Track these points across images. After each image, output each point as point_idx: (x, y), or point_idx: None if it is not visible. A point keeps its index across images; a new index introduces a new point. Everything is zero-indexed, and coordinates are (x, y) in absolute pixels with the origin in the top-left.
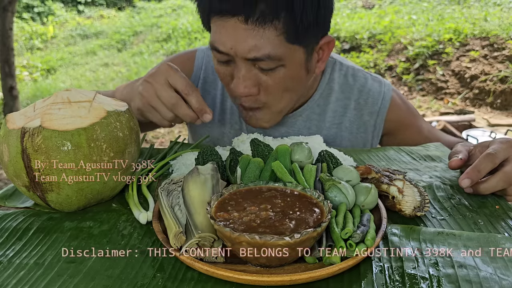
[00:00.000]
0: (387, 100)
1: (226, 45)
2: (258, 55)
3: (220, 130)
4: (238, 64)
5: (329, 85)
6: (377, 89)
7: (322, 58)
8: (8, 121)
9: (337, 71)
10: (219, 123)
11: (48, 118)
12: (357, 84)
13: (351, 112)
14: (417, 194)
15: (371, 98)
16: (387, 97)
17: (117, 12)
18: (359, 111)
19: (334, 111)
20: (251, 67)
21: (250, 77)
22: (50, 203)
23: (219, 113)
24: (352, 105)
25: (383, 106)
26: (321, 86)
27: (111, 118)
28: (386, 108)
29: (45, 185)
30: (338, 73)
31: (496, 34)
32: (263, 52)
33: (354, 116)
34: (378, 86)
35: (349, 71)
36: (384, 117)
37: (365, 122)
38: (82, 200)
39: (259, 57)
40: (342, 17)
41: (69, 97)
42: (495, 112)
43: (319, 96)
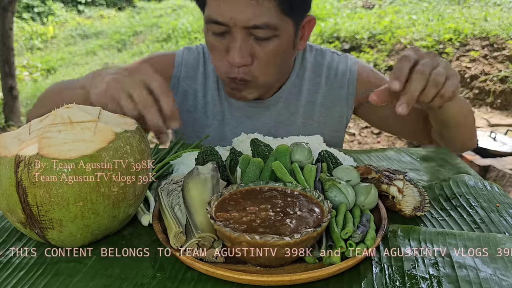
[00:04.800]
0: (353, 72)
1: (225, 16)
2: (258, 23)
3: (204, 122)
4: (235, 35)
5: (303, 65)
6: (344, 64)
7: (304, 36)
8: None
9: (308, 51)
10: (203, 115)
11: (47, 144)
12: (325, 62)
13: (323, 88)
14: (417, 194)
15: (340, 73)
16: (353, 69)
17: (117, 12)
18: (329, 86)
19: (308, 90)
20: (247, 37)
21: (246, 47)
22: (50, 240)
23: (202, 105)
24: (323, 81)
25: (351, 78)
26: (296, 66)
27: (120, 141)
28: (354, 79)
29: (45, 222)
30: (309, 54)
31: (496, 34)
32: (262, 20)
33: (327, 92)
34: (344, 62)
35: (318, 51)
36: (354, 89)
37: (336, 95)
38: (87, 237)
39: (258, 25)
40: (342, 17)
41: (70, 116)
42: (495, 112)
43: (295, 76)
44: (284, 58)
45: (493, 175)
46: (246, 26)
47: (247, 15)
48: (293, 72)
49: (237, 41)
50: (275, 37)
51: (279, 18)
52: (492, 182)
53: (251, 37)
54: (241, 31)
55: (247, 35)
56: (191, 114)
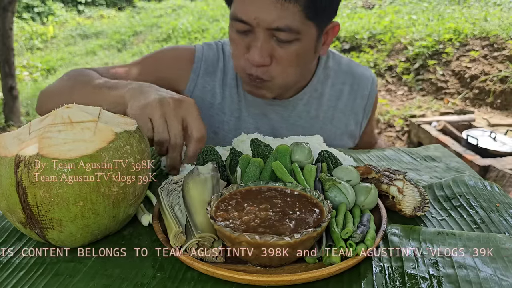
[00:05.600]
0: (375, 85)
1: (250, 15)
2: (281, 25)
3: (221, 118)
4: (257, 35)
5: (325, 72)
6: (366, 75)
7: (327, 41)
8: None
9: (331, 59)
10: (220, 112)
11: (47, 144)
12: (350, 71)
13: (345, 96)
14: (417, 194)
15: (363, 83)
16: (375, 82)
17: (117, 12)
18: (353, 95)
19: (330, 95)
20: (269, 38)
21: (267, 48)
22: (50, 240)
23: (219, 102)
24: (347, 90)
25: (373, 90)
26: (318, 72)
27: (120, 141)
28: (375, 92)
29: (45, 222)
30: (332, 61)
31: (496, 34)
32: (285, 22)
33: (348, 100)
34: (368, 73)
35: (342, 60)
36: (373, 101)
37: (357, 105)
38: (87, 237)
39: (281, 27)
40: (342, 17)
41: (70, 116)
42: (495, 112)
43: (316, 81)
44: (304, 61)
45: (493, 175)
46: (269, 28)
47: (271, 17)
48: (315, 76)
49: (259, 41)
50: (297, 40)
51: (303, 22)
52: (492, 182)
53: (273, 38)
54: (263, 32)
55: (269, 36)
56: (208, 110)
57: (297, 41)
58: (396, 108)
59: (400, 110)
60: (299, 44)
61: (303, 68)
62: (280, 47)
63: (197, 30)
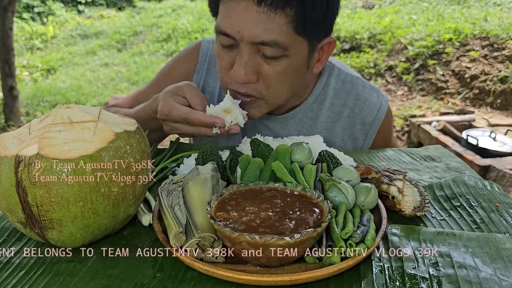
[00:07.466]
0: (383, 113)
1: (234, 28)
2: (266, 39)
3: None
4: (242, 50)
5: (324, 90)
6: (374, 100)
7: (322, 59)
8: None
9: (334, 76)
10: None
11: (47, 144)
12: (354, 91)
13: (344, 119)
14: (417, 194)
15: (366, 108)
16: (383, 110)
17: (117, 12)
18: (352, 120)
19: (327, 117)
20: (255, 54)
21: (252, 64)
22: (50, 240)
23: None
24: (347, 113)
25: (378, 118)
26: (316, 90)
27: (120, 141)
28: (381, 120)
29: (45, 222)
30: (335, 79)
31: (496, 34)
32: (271, 37)
33: (347, 124)
34: (376, 97)
35: (347, 78)
36: (378, 129)
37: (356, 131)
38: (87, 237)
39: (267, 42)
40: (342, 17)
41: (70, 116)
42: (495, 112)
43: (313, 100)
44: (294, 80)
45: (493, 175)
46: (254, 42)
47: (256, 30)
48: (312, 95)
49: (243, 57)
50: (285, 56)
51: (291, 36)
52: (492, 182)
53: (259, 53)
54: (248, 47)
55: (255, 51)
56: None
57: (285, 57)
58: (396, 108)
59: (400, 110)
60: (287, 60)
61: (293, 86)
62: (266, 64)
63: (197, 30)
